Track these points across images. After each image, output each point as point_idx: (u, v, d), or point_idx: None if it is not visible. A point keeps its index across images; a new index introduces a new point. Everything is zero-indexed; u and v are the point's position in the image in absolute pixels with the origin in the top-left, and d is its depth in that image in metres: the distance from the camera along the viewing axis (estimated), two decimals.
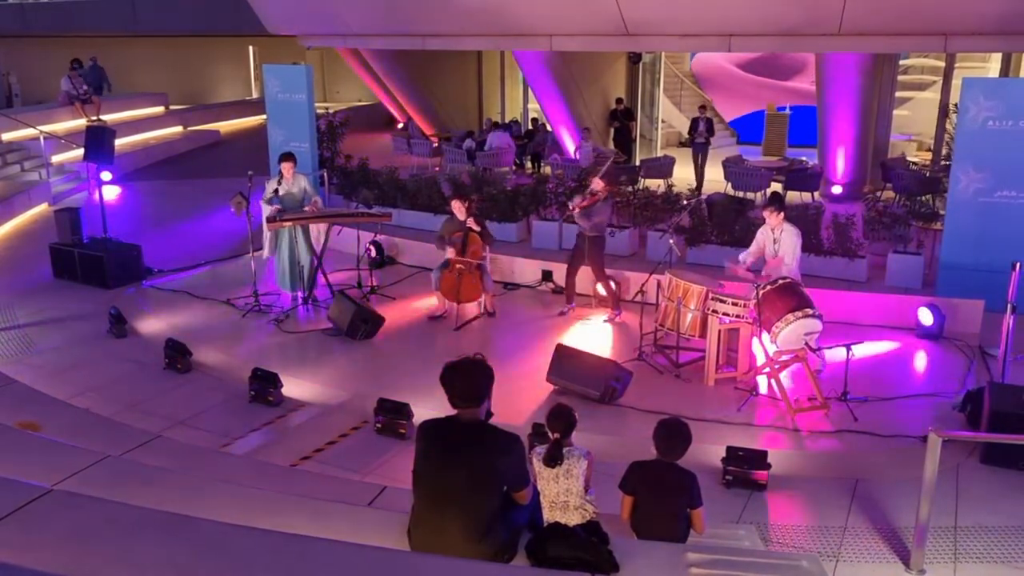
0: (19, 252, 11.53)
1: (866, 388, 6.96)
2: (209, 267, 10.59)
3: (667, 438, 4.15)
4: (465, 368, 3.34)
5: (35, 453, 4.17)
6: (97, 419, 6.31)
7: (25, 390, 6.74)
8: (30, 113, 16.84)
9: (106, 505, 3.18)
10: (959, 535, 5.09)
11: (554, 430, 4.17)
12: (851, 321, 8.46)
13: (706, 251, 9.76)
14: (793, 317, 6.61)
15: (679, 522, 4.13)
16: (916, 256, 9.06)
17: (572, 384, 6.92)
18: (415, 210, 11.43)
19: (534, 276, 9.93)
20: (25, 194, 13.70)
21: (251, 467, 5.56)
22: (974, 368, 7.50)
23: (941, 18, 9.90)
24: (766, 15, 10.55)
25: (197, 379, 7.57)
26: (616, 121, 16.71)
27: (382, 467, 5.99)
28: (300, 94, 11.83)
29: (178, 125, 20.83)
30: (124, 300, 9.31)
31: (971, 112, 8.39)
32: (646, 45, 14.11)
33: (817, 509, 5.46)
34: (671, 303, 7.46)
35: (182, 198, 14.69)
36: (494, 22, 12.30)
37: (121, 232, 11.20)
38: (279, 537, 2.99)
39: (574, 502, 4.17)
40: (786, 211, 7.63)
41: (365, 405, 6.77)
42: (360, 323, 8.20)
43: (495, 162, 15.26)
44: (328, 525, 3.38)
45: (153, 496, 3.46)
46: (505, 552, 3.26)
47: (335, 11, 13.93)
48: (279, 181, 8.93)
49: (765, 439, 6.24)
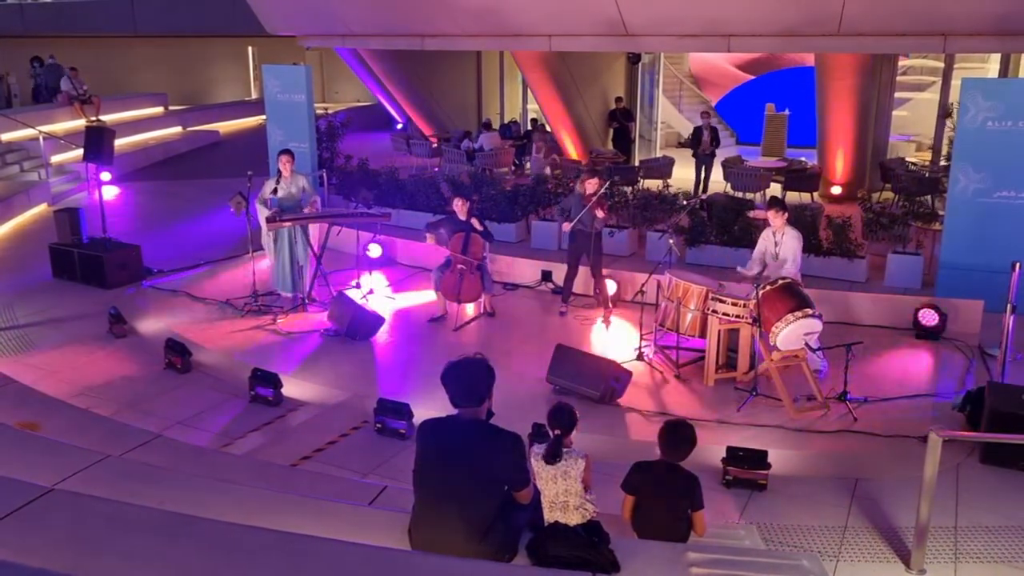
0: (19, 252, 11.52)
1: (866, 388, 6.96)
2: (208, 267, 10.59)
3: (673, 439, 4.16)
4: (466, 367, 3.34)
5: (35, 453, 4.17)
6: (97, 419, 6.31)
7: (25, 390, 6.75)
8: (29, 113, 16.83)
9: (106, 505, 3.18)
10: (959, 535, 5.10)
11: (555, 427, 4.17)
12: (851, 321, 8.46)
13: (706, 251, 9.77)
14: (793, 317, 6.61)
15: (680, 523, 4.13)
16: (915, 256, 9.07)
17: (572, 384, 6.92)
18: (414, 210, 11.43)
19: (533, 276, 9.93)
20: (25, 194, 13.70)
21: (251, 467, 5.55)
22: (974, 368, 7.50)
23: (940, 19, 9.90)
24: (765, 15, 10.55)
25: (197, 379, 7.57)
26: (615, 121, 16.69)
27: (382, 467, 5.99)
28: (300, 94, 11.83)
29: (177, 125, 20.82)
30: (124, 300, 9.31)
31: (970, 112, 8.40)
32: (645, 45, 14.09)
33: (817, 509, 5.46)
34: (671, 303, 7.46)
35: (181, 198, 14.69)
36: (493, 22, 12.30)
37: (121, 232, 11.20)
38: (279, 536, 2.99)
39: (574, 502, 4.17)
40: (788, 213, 7.64)
41: (365, 405, 6.77)
42: (359, 324, 8.20)
43: (494, 163, 15.25)
44: (329, 524, 3.38)
45: (153, 496, 3.46)
46: (506, 551, 3.26)
47: (334, 11, 13.93)
48: (277, 180, 8.93)
49: (765, 439, 6.23)
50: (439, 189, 11.57)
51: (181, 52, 24.78)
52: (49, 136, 15.33)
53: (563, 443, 4.15)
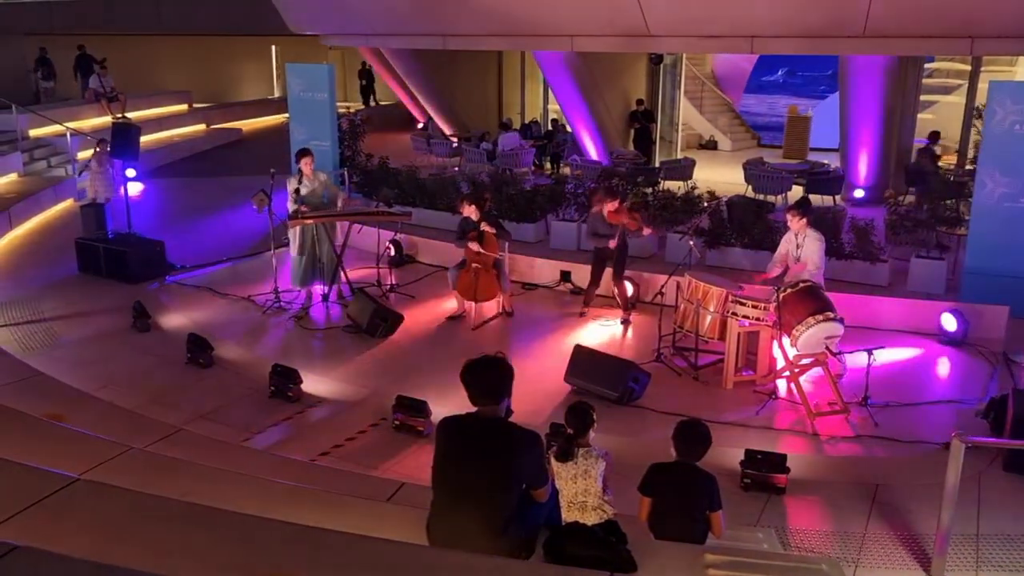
0: (46, 246, 11.69)
1: (887, 393, 6.90)
2: (231, 263, 10.69)
3: (686, 439, 4.14)
4: (486, 365, 3.36)
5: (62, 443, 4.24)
6: (121, 411, 6.39)
7: (51, 382, 6.84)
8: (57, 110, 17.07)
9: (130, 495, 3.23)
10: (981, 543, 5.04)
11: (569, 426, 4.16)
12: (872, 325, 8.39)
13: (726, 253, 9.72)
14: (814, 320, 6.56)
15: (697, 524, 4.11)
16: (939, 261, 8.97)
17: (590, 384, 6.92)
18: (434, 209, 11.47)
19: (552, 276, 9.93)
20: (52, 190, 13.90)
21: (271, 461, 5.60)
22: (998, 375, 7.41)
23: (968, 20, 9.79)
24: (789, 16, 10.48)
25: (218, 374, 7.64)
26: (636, 122, 16.67)
27: (400, 463, 6.01)
28: (322, 93, 11.91)
29: (201, 123, 21.03)
30: (147, 295, 9.42)
31: (998, 116, 8.29)
32: (668, 46, 14.05)
33: (836, 514, 5.42)
34: (690, 305, 7.43)
35: (205, 195, 14.83)
36: (515, 22, 12.31)
37: (145, 228, 11.33)
38: (299, 530, 3.02)
39: (592, 502, 4.16)
40: (810, 216, 7.57)
41: (383, 402, 6.80)
42: (379, 321, 8.25)
43: (514, 163, 15.26)
44: (347, 519, 3.41)
45: (176, 487, 3.51)
46: (523, 549, 3.27)
47: (357, 11, 14.01)
48: (300, 180, 9.00)
49: (784, 443, 6.20)
50: (459, 188, 11.60)
51: (205, 50, 25.02)
52: (76, 132, 15.54)
53: (578, 442, 4.12)
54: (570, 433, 4.14)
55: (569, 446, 4.09)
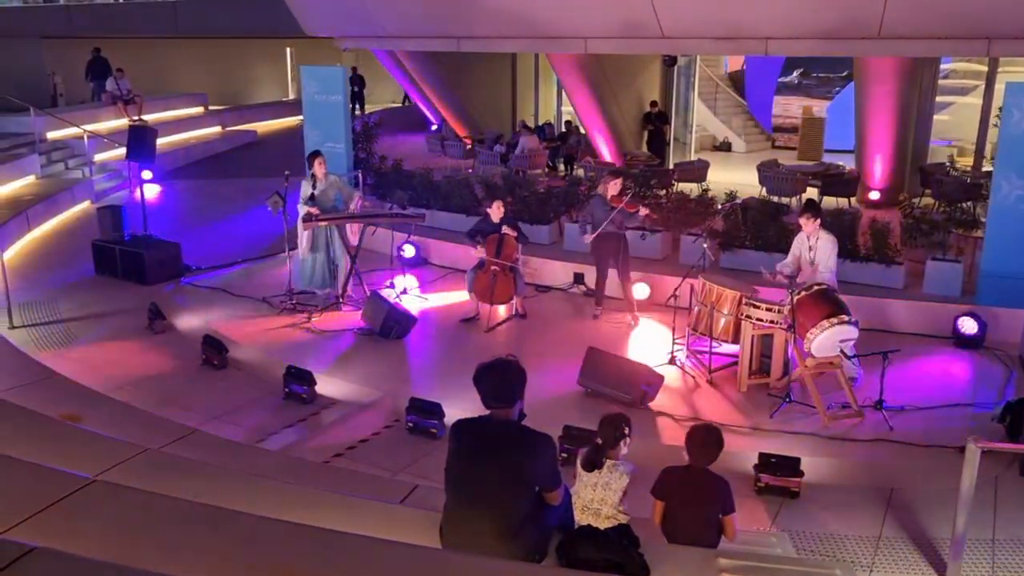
0: (63, 248, 11.80)
1: (902, 397, 6.85)
2: (246, 265, 10.75)
3: (699, 443, 4.12)
4: (499, 368, 3.36)
5: (77, 444, 4.28)
6: (136, 412, 6.45)
7: (67, 383, 6.91)
8: (74, 112, 17.23)
9: (145, 496, 3.25)
10: (996, 548, 4.99)
11: (599, 436, 4.11)
12: (887, 328, 8.33)
13: (740, 256, 9.68)
14: (828, 323, 6.52)
15: (710, 528, 4.10)
16: (955, 263, 8.89)
17: (603, 387, 6.91)
18: (448, 211, 11.49)
19: (566, 278, 9.92)
20: (69, 191, 14.02)
21: (284, 463, 5.63)
22: (1014, 378, 7.35)
23: (985, 21, 9.69)
24: (804, 17, 10.42)
25: (233, 375, 7.69)
26: (650, 124, 16.61)
27: (414, 466, 6.03)
28: (336, 95, 11.96)
29: (217, 125, 21.16)
30: (163, 296, 9.49)
31: (1015, 117, 8.21)
32: (682, 48, 13.98)
33: (851, 518, 5.38)
34: (704, 307, 7.41)
35: (220, 197, 14.93)
36: (529, 24, 12.31)
37: (161, 230, 11.42)
38: (312, 532, 3.04)
39: (607, 511, 4.11)
40: (822, 218, 7.53)
41: (397, 404, 6.83)
42: (393, 323, 8.27)
43: (528, 164, 15.26)
44: (360, 521, 3.42)
45: (190, 489, 3.53)
46: (536, 552, 3.27)
47: (371, 13, 14.06)
48: (313, 184, 9.04)
49: (798, 446, 6.16)
50: (473, 190, 11.61)
51: (221, 53, 25.19)
52: (93, 135, 15.68)
53: (605, 453, 4.07)
54: (597, 444, 4.09)
55: (596, 456, 4.03)
